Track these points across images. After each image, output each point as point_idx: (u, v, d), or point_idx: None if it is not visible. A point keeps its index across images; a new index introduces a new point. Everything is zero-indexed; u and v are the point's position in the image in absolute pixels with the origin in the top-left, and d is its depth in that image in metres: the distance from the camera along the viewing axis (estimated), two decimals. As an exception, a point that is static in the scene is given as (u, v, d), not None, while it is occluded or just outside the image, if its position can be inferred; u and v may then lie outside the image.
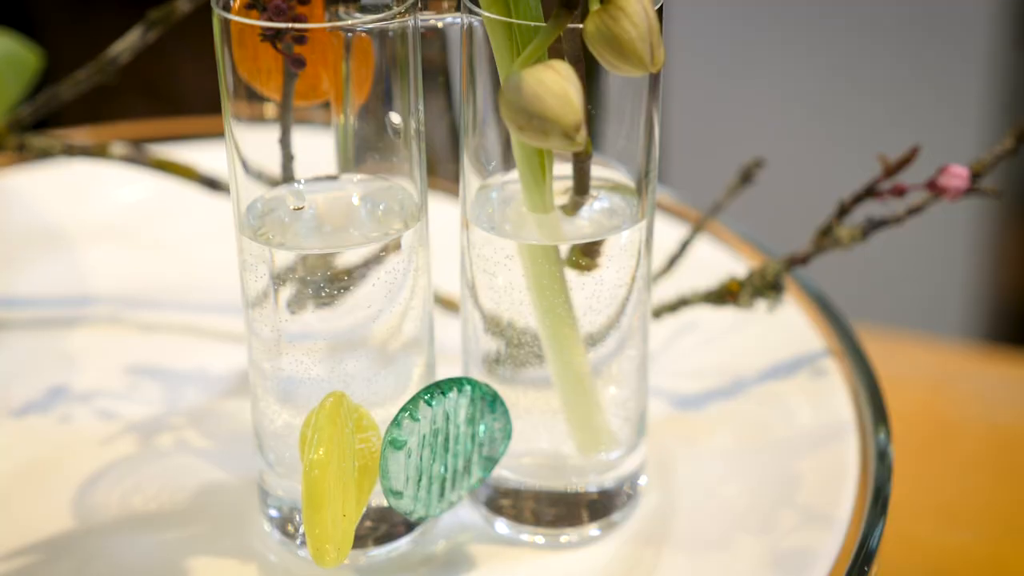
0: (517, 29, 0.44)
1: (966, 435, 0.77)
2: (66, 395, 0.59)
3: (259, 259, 0.47)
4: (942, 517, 0.71)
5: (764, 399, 0.57)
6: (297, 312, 0.47)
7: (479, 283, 0.49)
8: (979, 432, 0.77)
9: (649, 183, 0.48)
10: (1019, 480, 0.74)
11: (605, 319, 0.49)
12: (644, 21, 0.41)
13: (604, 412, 0.50)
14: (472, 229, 0.48)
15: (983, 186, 0.53)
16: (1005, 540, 0.69)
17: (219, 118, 0.76)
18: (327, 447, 0.45)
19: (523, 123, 0.41)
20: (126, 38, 0.58)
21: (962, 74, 1.47)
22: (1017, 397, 0.81)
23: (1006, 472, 0.75)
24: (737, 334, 0.60)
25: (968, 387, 0.81)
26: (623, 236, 0.48)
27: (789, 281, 0.61)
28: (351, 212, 0.48)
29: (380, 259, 0.47)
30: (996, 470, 0.75)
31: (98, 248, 0.70)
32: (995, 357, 0.87)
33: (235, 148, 0.47)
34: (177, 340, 0.63)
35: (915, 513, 0.70)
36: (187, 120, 0.77)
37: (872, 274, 1.45)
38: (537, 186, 0.47)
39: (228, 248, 0.69)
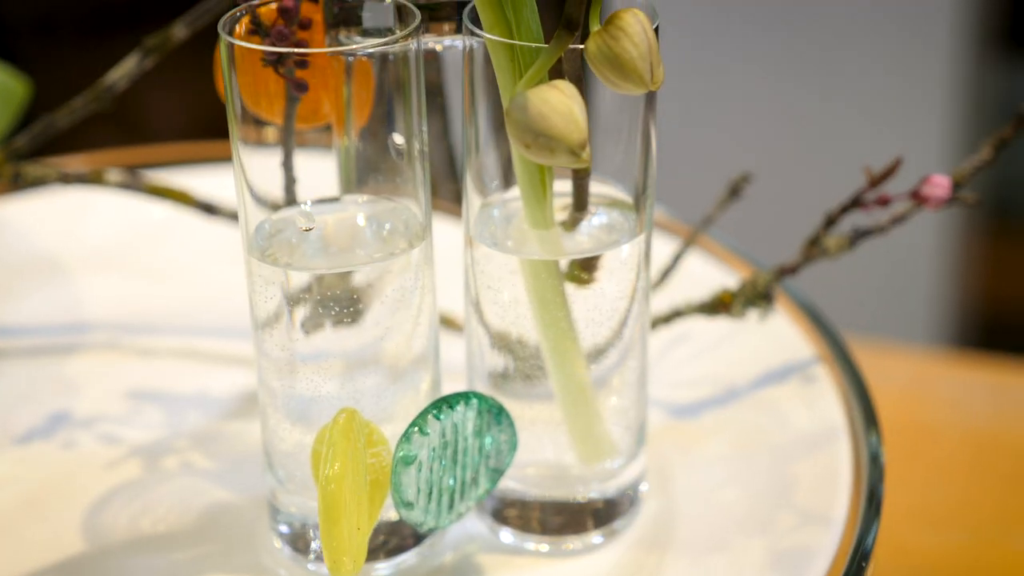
0: (519, 50, 0.45)
1: (942, 439, 0.78)
2: (68, 421, 0.60)
3: (268, 280, 0.48)
4: (919, 519, 0.72)
5: (757, 406, 0.58)
6: (307, 332, 0.48)
7: (484, 299, 0.50)
8: (954, 436, 0.79)
9: (647, 198, 0.49)
10: (994, 482, 0.76)
11: (608, 331, 0.50)
12: (644, 41, 0.43)
13: (605, 422, 0.51)
14: (476, 246, 0.49)
15: (963, 195, 0.55)
16: (982, 541, 0.71)
17: (198, 144, 0.77)
18: (342, 462, 0.46)
19: (530, 141, 0.43)
20: (122, 65, 0.59)
21: (928, 83, 1.49)
22: (990, 401, 0.82)
23: (982, 475, 0.76)
24: (728, 344, 0.62)
25: (941, 392, 0.82)
26: (623, 250, 0.49)
27: (777, 291, 0.62)
28: (358, 233, 0.49)
29: (388, 278, 0.48)
30: (972, 473, 0.77)
31: (92, 275, 0.71)
32: (966, 362, 0.89)
33: (242, 171, 0.48)
34: (176, 364, 0.64)
35: (893, 515, 0.72)
36: (164, 147, 0.78)
37: (838, 282, 1.47)
38: (539, 203, 0.48)
39: (222, 271, 0.70)
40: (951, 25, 1.46)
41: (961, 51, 1.48)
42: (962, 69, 1.49)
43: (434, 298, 0.50)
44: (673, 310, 0.59)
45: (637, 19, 0.43)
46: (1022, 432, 0.78)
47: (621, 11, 0.43)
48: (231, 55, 0.47)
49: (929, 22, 1.46)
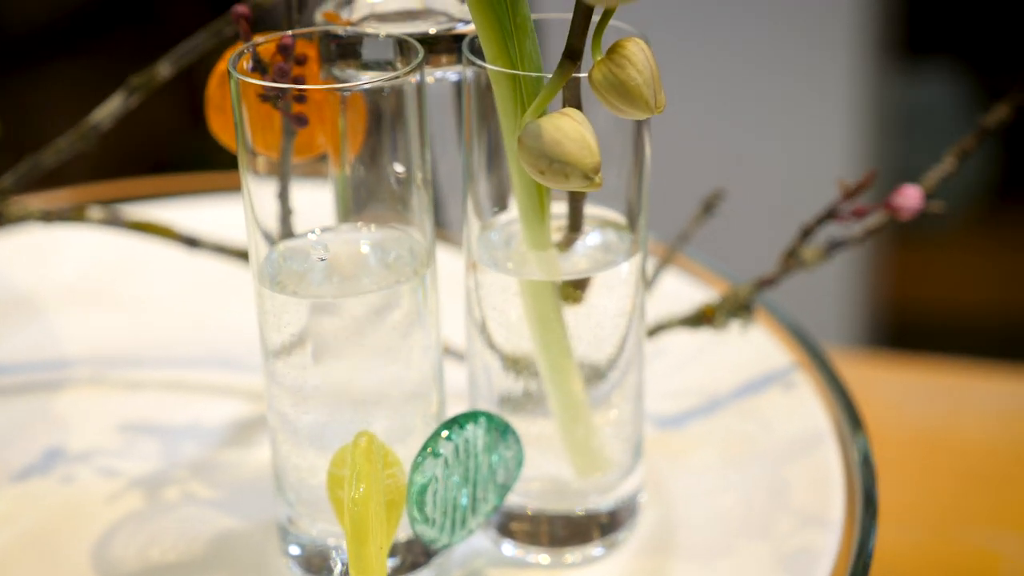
0: (522, 80, 0.47)
1: (890, 440, 0.80)
2: (64, 456, 0.60)
3: (280, 309, 0.49)
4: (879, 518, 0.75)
5: (742, 414, 0.60)
6: (319, 359, 0.50)
7: (491, 322, 0.51)
8: (903, 437, 0.81)
9: (641, 217, 0.51)
10: (946, 481, 0.78)
11: (610, 348, 0.52)
12: (647, 68, 0.45)
13: (600, 437, 0.53)
14: (481, 270, 0.51)
15: (932, 205, 0.57)
16: (939, 538, 0.73)
17: (175, 177, 0.78)
18: (367, 484, 0.47)
19: (544, 168, 0.44)
20: (108, 104, 0.60)
21: (832, 92, 1.53)
22: (931, 401, 0.85)
23: (933, 474, 0.79)
24: (706, 356, 0.64)
25: (883, 394, 0.85)
26: (623, 269, 0.51)
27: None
28: (365, 260, 0.51)
29: (398, 304, 0.49)
30: (923, 472, 0.79)
31: (68, 311, 0.71)
32: (902, 364, 0.91)
33: (251, 203, 0.49)
34: (164, 395, 0.65)
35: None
36: (142, 181, 0.78)
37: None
38: (539, 225, 0.50)
39: (199, 302, 0.71)
40: (852, 35, 1.50)
41: (863, 60, 1.52)
42: (864, 77, 1.52)
43: (438, 321, 0.51)
44: (657, 323, 0.61)
45: (640, 47, 0.45)
46: (967, 431, 0.81)
47: (624, 40, 0.45)
48: (239, 91, 0.48)
49: (831, 32, 1.50)
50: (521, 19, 0.46)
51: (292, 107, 0.50)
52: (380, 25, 0.54)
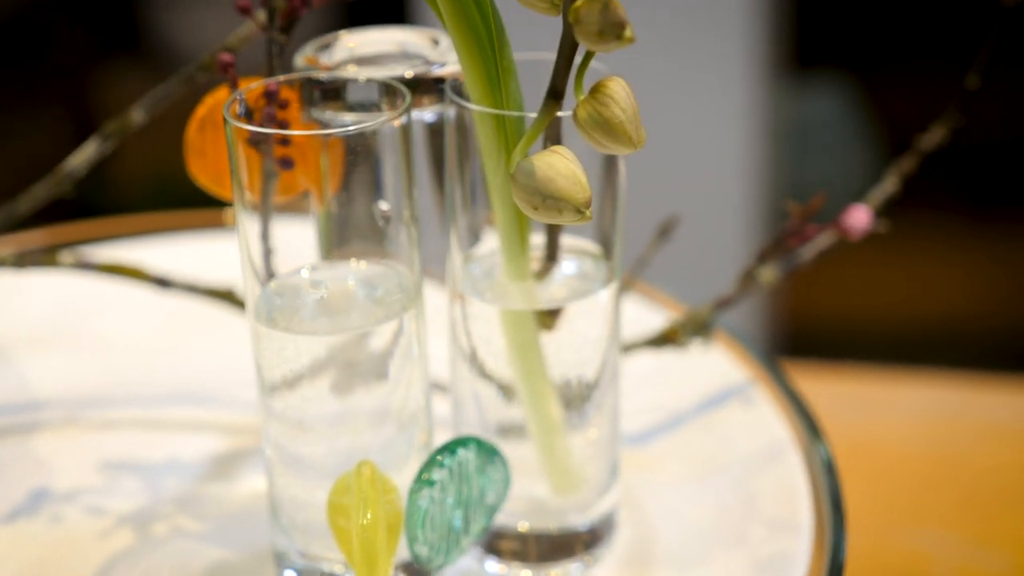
0: (506, 120, 0.49)
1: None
2: (50, 497, 0.62)
3: (279, 346, 0.51)
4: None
5: (705, 429, 0.63)
6: (317, 393, 0.52)
7: (481, 352, 0.54)
8: (834, 445, 0.84)
9: (616, 245, 0.54)
10: (884, 487, 0.81)
11: (589, 371, 0.54)
12: (630, 106, 0.47)
13: (579, 456, 0.56)
14: (468, 302, 0.53)
15: (878, 224, 0.61)
16: (880, 542, 0.76)
17: (141, 217, 0.80)
18: (374, 510, 0.49)
19: (538, 204, 0.47)
20: (82, 151, 0.61)
21: (725, 106, 1.56)
22: (856, 410, 0.88)
23: (869, 481, 0.82)
24: (665, 375, 0.67)
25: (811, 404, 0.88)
26: (601, 296, 0.54)
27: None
28: (356, 296, 0.53)
29: (392, 337, 0.52)
30: (858, 480, 0.82)
31: (37, 353, 0.72)
32: (821, 374, 0.94)
33: (247, 241, 0.51)
34: (141, 433, 0.66)
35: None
36: (108, 221, 0.80)
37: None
38: (521, 256, 0.52)
39: (168, 339, 0.73)
40: (743, 49, 1.54)
41: (753, 74, 1.55)
42: (755, 91, 1.56)
43: (426, 352, 0.54)
44: (623, 345, 0.63)
45: (621, 85, 0.47)
46: (894, 438, 0.84)
47: (606, 79, 0.47)
48: (234, 136, 0.50)
49: (721, 47, 1.53)
50: (507, 62, 0.49)
51: (277, 150, 0.52)
52: (359, 68, 0.56)
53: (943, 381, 0.87)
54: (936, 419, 0.84)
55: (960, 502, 0.78)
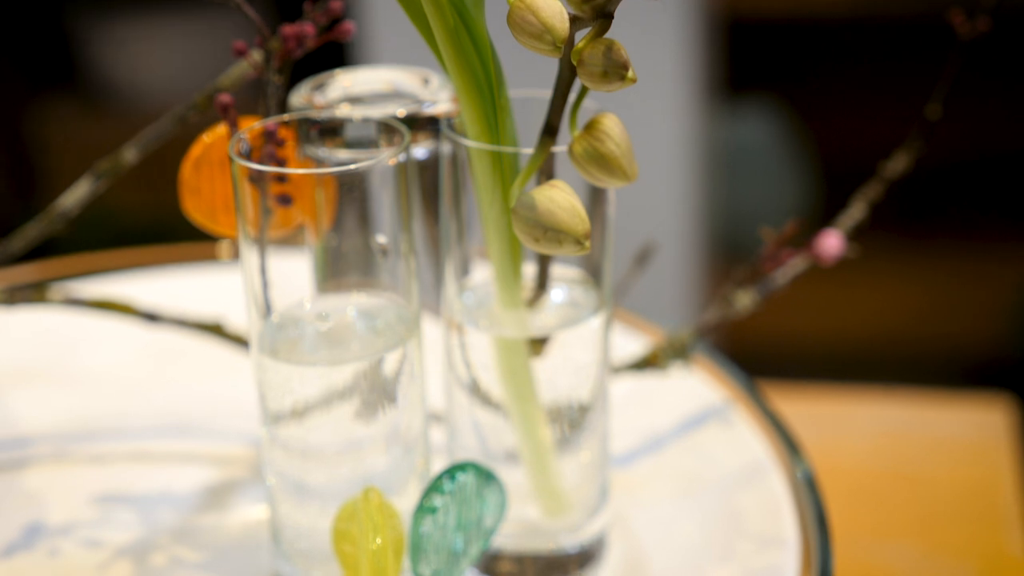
0: (503, 155, 0.51)
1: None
2: (45, 531, 0.63)
3: (283, 377, 0.53)
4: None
5: (686, 449, 0.65)
6: (320, 422, 0.53)
7: (483, 380, 0.56)
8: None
9: (605, 274, 0.56)
10: (842, 503, 0.84)
11: (582, 395, 0.56)
12: (624, 141, 0.50)
13: (573, 479, 0.58)
14: (467, 331, 0.55)
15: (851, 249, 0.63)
16: (845, 558, 0.78)
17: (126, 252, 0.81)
18: (383, 535, 0.51)
19: (539, 236, 0.49)
20: (75, 190, 0.62)
21: (662, 132, 1.59)
22: (809, 428, 0.90)
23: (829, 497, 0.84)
24: (644, 398, 0.69)
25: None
26: (592, 323, 0.56)
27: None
28: (357, 327, 0.55)
29: (390, 368, 0.53)
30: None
31: (21, 389, 0.73)
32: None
33: (251, 275, 0.53)
34: (131, 465, 0.67)
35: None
36: (97, 256, 0.81)
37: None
38: (514, 286, 0.54)
39: (152, 372, 0.74)
40: (677, 74, 1.56)
41: (687, 98, 1.58)
42: (690, 116, 1.59)
43: (425, 380, 0.56)
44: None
45: (615, 121, 0.50)
46: (850, 455, 0.86)
47: (600, 116, 0.49)
48: (239, 175, 0.52)
49: (656, 72, 1.56)
50: (504, 100, 0.51)
51: (275, 187, 0.54)
52: (354, 108, 0.58)
53: (892, 399, 0.89)
54: (890, 436, 0.86)
55: (918, 516, 0.80)
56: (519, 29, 0.46)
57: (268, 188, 0.53)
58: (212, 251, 0.81)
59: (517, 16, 0.46)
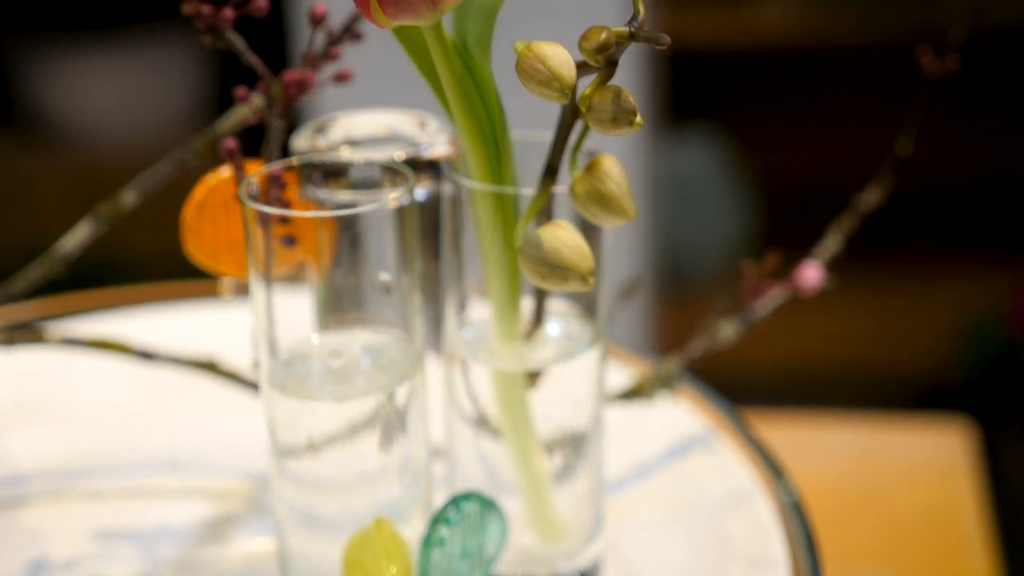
0: (504, 195, 0.53)
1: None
2: (48, 568, 0.64)
3: (294, 412, 0.55)
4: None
5: (672, 476, 0.67)
6: (330, 455, 0.55)
7: (488, 412, 0.57)
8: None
9: (600, 308, 0.58)
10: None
11: (579, 425, 0.58)
12: (624, 180, 0.52)
13: (563, 507, 0.60)
14: (470, 366, 0.57)
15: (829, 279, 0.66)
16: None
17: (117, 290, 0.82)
18: (397, 564, 0.53)
19: (545, 273, 0.51)
20: (75, 233, 0.64)
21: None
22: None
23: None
24: (629, 425, 0.71)
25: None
26: (589, 355, 0.58)
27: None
28: (363, 363, 0.56)
29: (396, 402, 0.55)
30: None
31: (15, 427, 0.74)
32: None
33: (262, 313, 0.55)
34: (129, 501, 0.68)
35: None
36: (91, 294, 0.82)
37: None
38: (512, 320, 0.56)
39: (145, 408, 0.75)
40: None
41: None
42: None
43: (429, 413, 0.57)
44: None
45: (614, 162, 0.52)
46: (817, 478, 0.89)
47: (600, 157, 0.52)
48: (251, 217, 0.53)
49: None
50: (506, 144, 0.53)
51: (279, 229, 0.55)
52: (355, 151, 0.59)
53: (851, 423, 0.92)
54: (853, 460, 0.89)
55: (885, 538, 0.82)
56: (527, 76, 0.48)
57: (273, 229, 0.55)
58: (201, 288, 0.82)
59: (526, 64, 0.48)
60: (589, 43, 0.45)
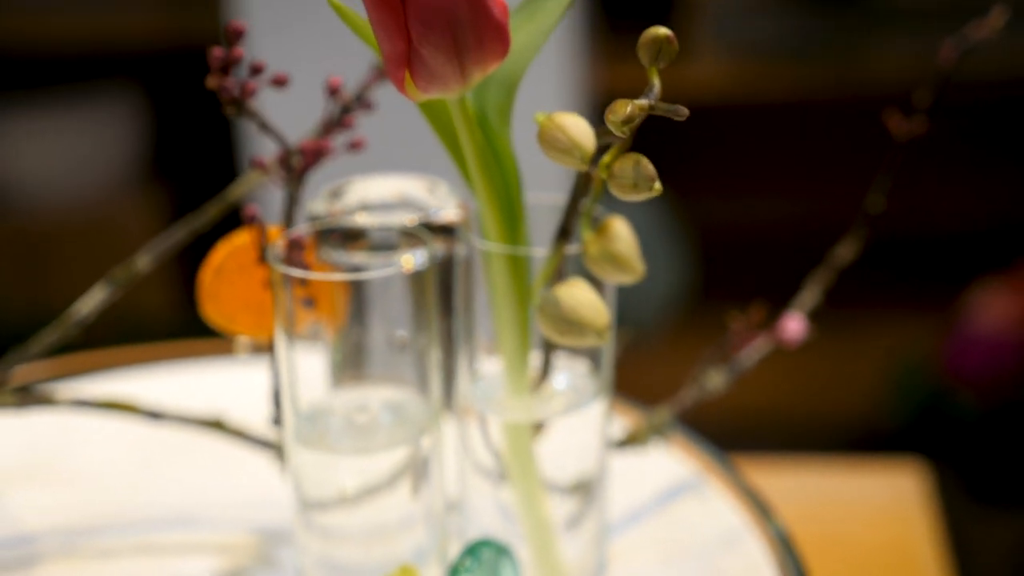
0: (519, 256, 0.57)
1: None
2: (66, 623, 0.66)
3: (316, 465, 0.57)
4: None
5: (664, 518, 0.71)
6: (354, 506, 0.58)
7: (500, 460, 0.60)
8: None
9: (605, 361, 0.61)
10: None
11: (586, 472, 0.61)
12: (633, 241, 0.55)
13: (567, 553, 0.63)
14: (487, 419, 0.60)
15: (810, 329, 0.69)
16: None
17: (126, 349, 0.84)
18: (425, 608, 0.55)
19: (564, 330, 0.54)
20: (90, 297, 0.66)
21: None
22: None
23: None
24: (619, 471, 0.74)
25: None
26: (594, 406, 0.61)
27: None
28: (384, 418, 0.59)
29: (416, 454, 0.58)
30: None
31: (21, 487, 0.76)
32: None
33: (287, 368, 0.57)
34: (139, 559, 0.70)
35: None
36: (95, 354, 0.84)
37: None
38: (522, 374, 0.59)
39: (150, 466, 0.77)
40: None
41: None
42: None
43: (445, 465, 0.60)
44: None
45: (623, 224, 0.55)
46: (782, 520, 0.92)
47: (610, 219, 0.55)
48: (281, 280, 0.56)
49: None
50: (520, 208, 0.56)
51: (299, 291, 0.58)
52: (367, 215, 0.62)
53: (806, 466, 0.95)
54: (813, 502, 0.92)
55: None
56: (549, 145, 0.51)
57: (294, 291, 0.58)
58: (205, 347, 0.85)
59: (547, 134, 0.51)
60: (616, 116, 0.48)
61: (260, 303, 0.62)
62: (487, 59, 0.50)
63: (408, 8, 0.48)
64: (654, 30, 0.49)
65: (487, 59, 0.50)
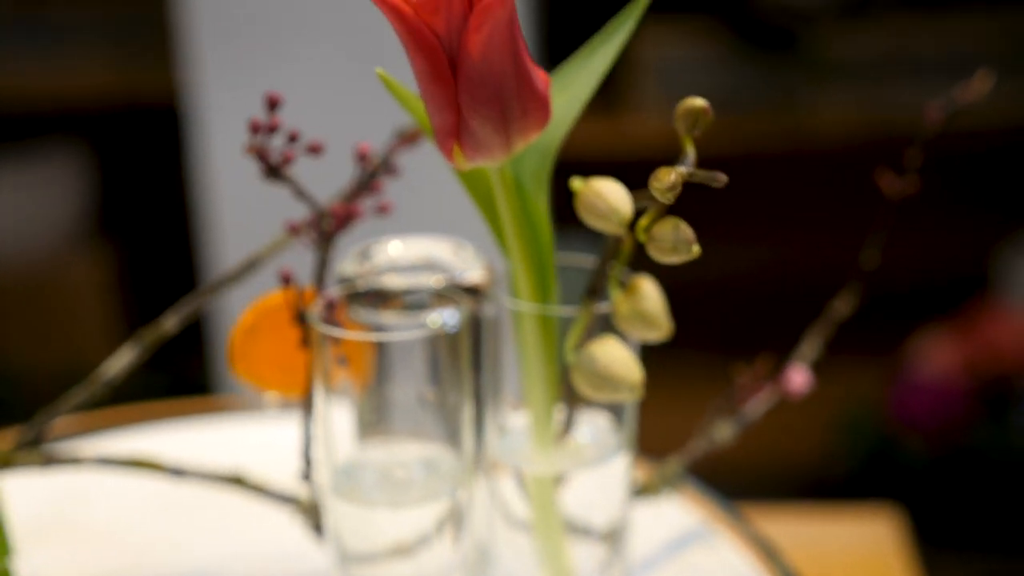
0: (550, 315, 0.59)
1: None
2: None
3: (363, 518, 0.59)
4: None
5: (675, 568, 0.73)
6: (397, 558, 0.60)
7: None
8: None
9: (627, 415, 0.63)
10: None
11: (617, 520, 0.64)
12: (660, 300, 0.58)
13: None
14: (518, 472, 0.62)
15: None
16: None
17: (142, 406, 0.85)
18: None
19: (599, 385, 0.56)
20: (119, 357, 0.68)
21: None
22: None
23: None
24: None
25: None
26: (619, 458, 0.63)
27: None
28: (420, 472, 0.61)
29: (454, 506, 0.60)
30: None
31: (38, 546, 0.77)
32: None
33: (324, 423, 0.59)
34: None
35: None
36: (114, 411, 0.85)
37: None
38: (548, 429, 0.61)
39: (166, 524, 0.78)
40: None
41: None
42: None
43: (476, 517, 0.62)
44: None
45: (651, 284, 0.58)
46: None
47: (638, 279, 0.58)
48: (321, 339, 0.58)
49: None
50: (551, 269, 0.59)
51: (334, 350, 0.60)
52: (395, 276, 0.65)
53: (777, 514, 0.97)
54: (790, 549, 0.95)
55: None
56: (587, 210, 0.54)
57: (329, 351, 0.60)
58: (221, 403, 0.86)
59: (585, 200, 0.54)
60: (661, 183, 0.51)
61: (291, 362, 0.64)
62: (530, 128, 0.53)
63: (459, 82, 0.50)
64: (690, 101, 0.51)
65: (530, 128, 0.53)
